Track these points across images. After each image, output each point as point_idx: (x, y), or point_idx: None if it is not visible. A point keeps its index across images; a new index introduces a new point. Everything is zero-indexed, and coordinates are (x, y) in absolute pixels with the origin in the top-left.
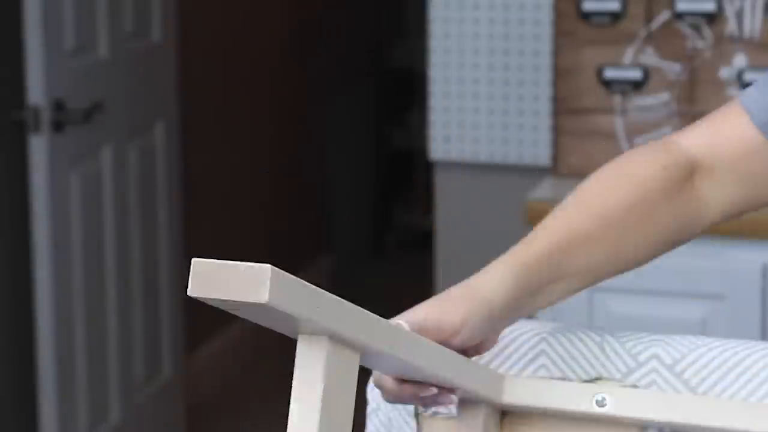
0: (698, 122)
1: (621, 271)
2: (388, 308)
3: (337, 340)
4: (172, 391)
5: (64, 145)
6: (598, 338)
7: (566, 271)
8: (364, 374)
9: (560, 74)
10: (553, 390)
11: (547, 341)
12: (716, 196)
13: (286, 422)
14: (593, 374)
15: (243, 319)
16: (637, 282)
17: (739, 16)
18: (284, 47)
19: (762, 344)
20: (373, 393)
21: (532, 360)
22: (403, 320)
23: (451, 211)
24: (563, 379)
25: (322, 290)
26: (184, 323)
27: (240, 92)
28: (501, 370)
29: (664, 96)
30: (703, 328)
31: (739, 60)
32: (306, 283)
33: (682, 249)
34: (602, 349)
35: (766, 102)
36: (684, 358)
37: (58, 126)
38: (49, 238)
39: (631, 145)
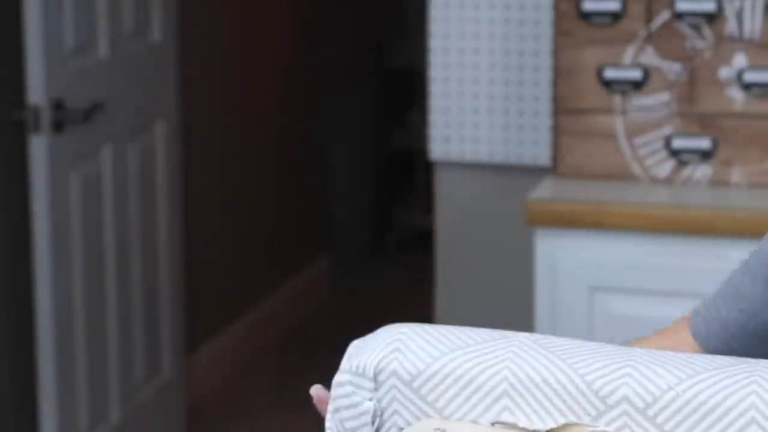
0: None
1: None
2: (388, 308)
3: None
4: (172, 391)
5: (64, 145)
6: (563, 377)
7: None
8: None
9: (560, 74)
10: None
11: (509, 381)
12: None
13: (285, 422)
14: (561, 420)
15: (243, 319)
16: (637, 282)
17: (739, 16)
18: (284, 47)
19: (747, 377)
20: None
21: (495, 401)
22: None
23: (451, 211)
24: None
25: None
26: (184, 323)
27: (240, 92)
28: (462, 412)
29: (664, 96)
30: None
31: (739, 60)
32: None
33: (681, 249)
34: (569, 392)
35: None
36: (656, 401)
37: (58, 126)
38: (49, 238)
39: (631, 145)
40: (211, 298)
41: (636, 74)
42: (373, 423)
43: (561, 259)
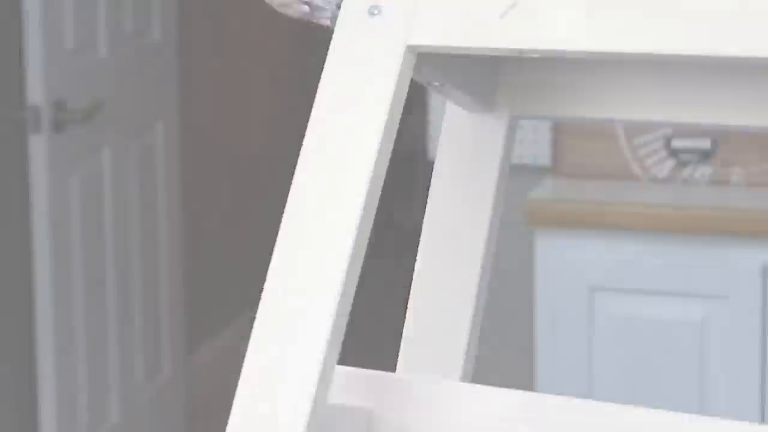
0: None
1: None
2: (388, 309)
3: None
4: (172, 391)
5: (64, 145)
6: None
7: None
8: None
9: None
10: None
11: None
12: None
13: None
14: None
15: (243, 319)
16: (637, 282)
17: None
18: (284, 47)
19: None
20: None
21: None
22: None
23: None
24: None
25: None
26: (184, 323)
27: (240, 92)
28: None
29: None
30: (703, 328)
31: None
32: None
33: (681, 249)
34: None
35: None
36: None
37: (58, 126)
38: (49, 238)
39: (631, 145)
40: (211, 298)
41: None
42: None
43: (561, 259)
